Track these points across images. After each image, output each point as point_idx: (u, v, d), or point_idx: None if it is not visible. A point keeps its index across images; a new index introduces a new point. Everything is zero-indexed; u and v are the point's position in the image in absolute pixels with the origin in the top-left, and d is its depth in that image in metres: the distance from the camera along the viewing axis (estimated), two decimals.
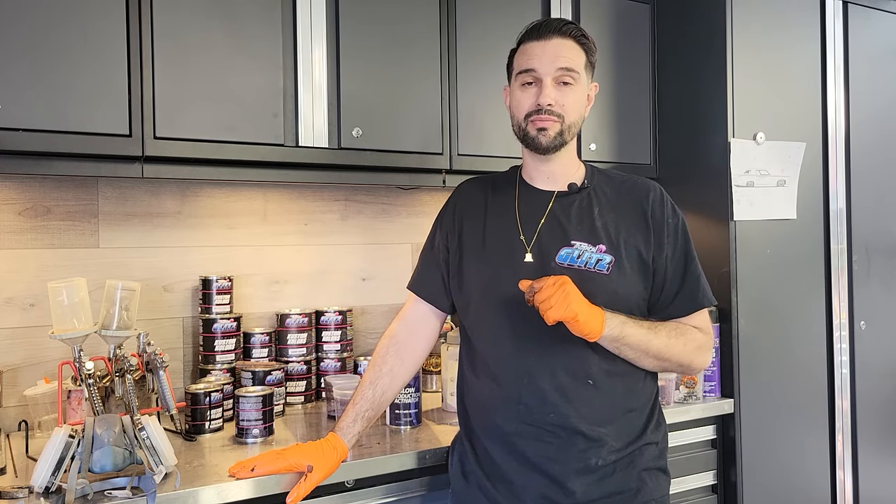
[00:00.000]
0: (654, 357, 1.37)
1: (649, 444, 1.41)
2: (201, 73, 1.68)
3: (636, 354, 1.36)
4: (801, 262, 2.25)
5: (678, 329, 1.40)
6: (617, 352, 1.35)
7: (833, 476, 2.29)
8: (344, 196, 2.28)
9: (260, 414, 1.68)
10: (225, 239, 2.11)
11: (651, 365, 1.40)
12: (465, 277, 1.47)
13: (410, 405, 1.77)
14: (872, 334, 2.37)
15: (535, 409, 1.36)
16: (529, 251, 1.41)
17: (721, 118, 2.12)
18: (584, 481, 1.34)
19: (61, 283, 1.50)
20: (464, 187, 1.59)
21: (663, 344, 1.37)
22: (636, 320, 1.36)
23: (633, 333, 1.33)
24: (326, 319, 2.13)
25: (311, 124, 1.82)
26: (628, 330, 1.33)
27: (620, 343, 1.33)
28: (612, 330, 1.31)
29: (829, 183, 2.31)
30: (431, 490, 1.62)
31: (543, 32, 1.40)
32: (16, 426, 1.77)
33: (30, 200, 1.86)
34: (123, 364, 1.57)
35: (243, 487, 1.39)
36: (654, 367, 1.42)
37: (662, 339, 1.37)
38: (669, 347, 1.38)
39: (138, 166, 1.65)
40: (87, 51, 1.55)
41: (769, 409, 2.15)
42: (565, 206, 1.44)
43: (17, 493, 1.31)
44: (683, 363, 1.41)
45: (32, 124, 1.50)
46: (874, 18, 2.43)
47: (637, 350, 1.35)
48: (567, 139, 1.42)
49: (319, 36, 1.83)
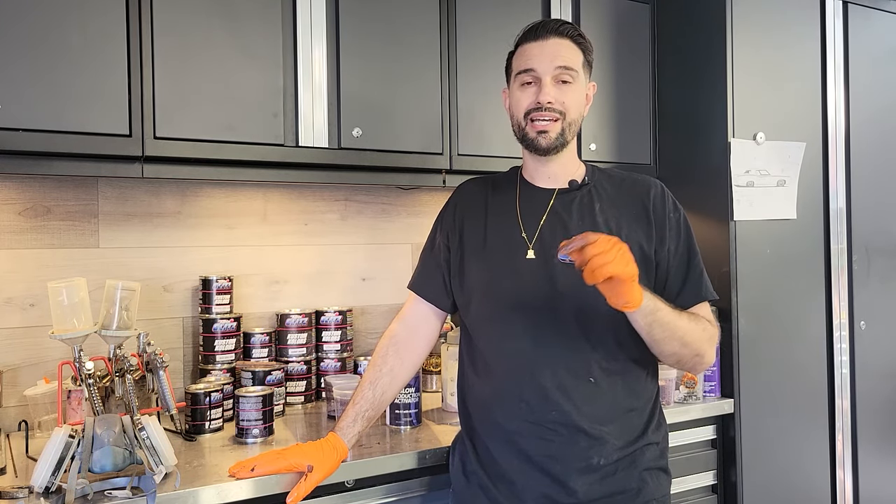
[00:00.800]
0: (680, 340, 1.32)
1: (650, 444, 1.41)
2: (201, 72, 1.68)
3: (665, 334, 1.30)
4: (801, 262, 2.25)
5: (695, 317, 1.38)
6: (648, 329, 1.29)
7: (833, 476, 2.29)
8: (344, 196, 2.28)
9: (260, 414, 1.68)
10: (225, 239, 2.11)
11: (672, 349, 1.34)
12: (467, 276, 1.47)
13: (410, 405, 1.77)
14: (872, 334, 2.37)
15: (537, 407, 1.36)
16: (531, 248, 1.41)
17: (721, 118, 2.12)
18: (585, 480, 1.34)
19: (61, 283, 1.50)
20: (464, 187, 1.59)
21: (688, 327, 1.33)
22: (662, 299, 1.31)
23: (664, 308, 1.29)
24: (326, 319, 2.13)
25: (311, 124, 1.82)
26: (661, 304, 1.28)
27: (654, 317, 1.27)
28: (649, 301, 1.24)
29: (829, 183, 2.31)
30: (431, 490, 1.62)
31: (541, 33, 1.41)
32: (16, 426, 1.77)
33: (30, 200, 1.86)
34: (123, 364, 1.57)
35: (243, 487, 1.39)
36: (673, 354, 1.36)
37: (686, 322, 1.33)
38: (692, 332, 1.34)
39: (138, 166, 1.65)
40: (87, 50, 1.55)
41: (769, 409, 2.15)
42: (566, 203, 1.44)
43: (17, 493, 1.30)
44: (699, 352, 1.36)
45: (32, 124, 1.50)
46: (874, 18, 2.43)
47: (666, 329, 1.30)
48: (568, 138, 1.42)
49: (319, 35, 1.83)
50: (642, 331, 1.31)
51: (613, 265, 1.14)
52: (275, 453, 1.40)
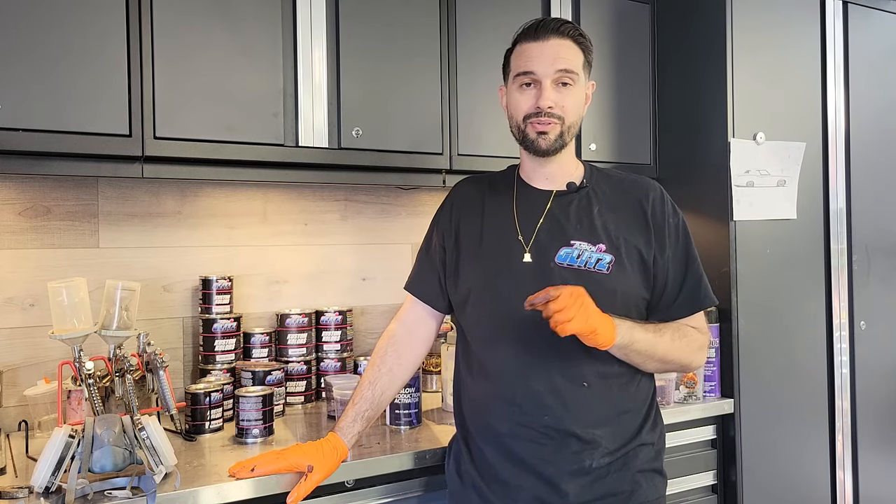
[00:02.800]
0: (659, 360, 1.37)
1: (644, 445, 1.40)
2: (201, 72, 1.68)
3: (642, 359, 1.35)
4: (801, 262, 2.25)
5: (680, 331, 1.40)
6: (624, 357, 1.34)
7: (833, 476, 2.29)
8: (344, 196, 2.28)
9: (260, 414, 1.68)
10: (225, 239, 2.11)
11: (653, 367, 1.40)
12: (462, 277, 1.46)
13: (410, 405, 1.77)
14: (872, 334, 2.37)
15: (529, 411, 1.35)
16: (528, 251, 1.40)
17: (721, 118, 2.12)
18: (577, 483, 1.34)
19: (61, 283, 1.50)
20: (460, 187, 1.58)
21: (668, 347, 1.36)
22: (642, 325, 1.34)
23: (641, 339, 1.32)
24: (326, 319, 2.13)
25: (310, 124, 1.82)
26: (637, 335, 1.31)
27: (629, 350, 1.32)
28: (622, 337, 1.29)
29: (829, 183, 2.31)
30: (431, 490, 1.62)
31: (541, 33, 1.38)
32: (16, 426, 1.77)
33: (30, 200, 1.86)
34: (123, 364, 1.57)
35: (243, 488, 1.39)
36: (655, 370, 1.42)
37: (667, 342, 1.36)
38: (674, 350, 1.37)
39: (138, 166, 1.65)
40: (87, 50, 1.55)
41: (769, 409, 2.15)
42: (564, 206, 1.43)
43: (17, 493, 1.31)
44: (684, 364, 1.42)
45: (32, 124, 1.50)
46: (874, 18, 2.43)
47: (643, 355, 1.34)
48: (567, 140, 1.41)
49: (319, 36, 1.83)
50: (620, 357, 1.35)
51: (574, 322, 1.20)
52: (275, 453, 1.40)
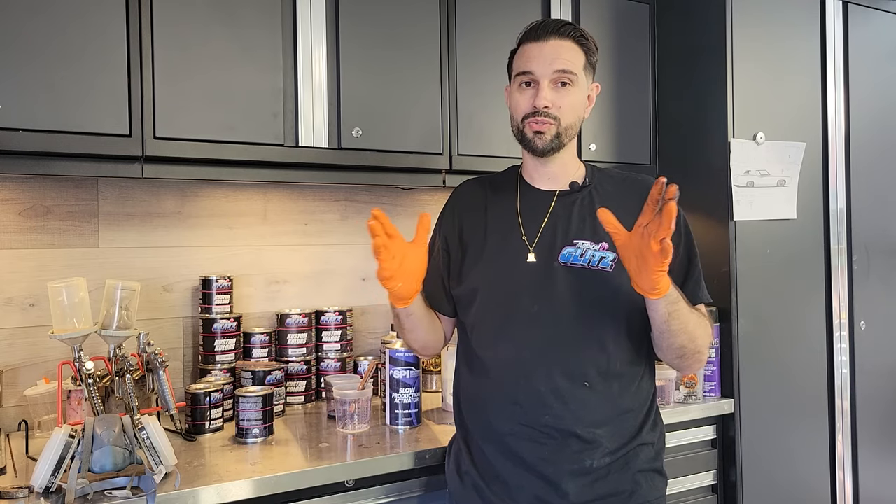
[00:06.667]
0: (690, 334, 1.31)
1: (644, 445, 1.40)
2: (201, 72, 1.68)
3: (679, 326, 1.29)
4: (801, 262, 2.25)
5: (699, 314, 1.37)
6: (667, 318, 1.27)
7: (833, 476, 2.29)
8: (344, 196, 2.28)
9: (260, 414, 1.68)
10: (225, 239, 2.11)
11: (681, 342, 1.32)
12: (466, 279, 1.46)
13: (410, 405, 1.77)
14: (872, 334, 2.37)
15: (530, 411, 1.35)
16: (532, 252, 1.40)
17: (721, 118, 2.12)
18: (577, 483, 1.34)
19: (61, 283, 1.51)
20: (462, 189, 1.58)
21: (697, 321, 1.32)
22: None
23: (683, 306, 1.28)
24: (326, 319, 2.13)
25: (311, 124, 1.82)
26: (679, 298, 1.28)
27: (675, 307, 1.26)
28: (673, 289, 1.24)
29: (829, 183, 2.31)
30: (431, 490, 1.62)
31: (541, 34, 1.39)
32: (16, 426, 1.77)
33: (30, 200, 1.86)
34: (123, 364, 1.57)
35: (243, 487, 1.40)
36: (680, 348, 1.33)
37: (696, 317, 1.33)
38: (699, 328, 1.33)
39: (138, 166, 1.65)
40: (88, 51, 1.55)
41: (769, 409, 2.15)
42: (567, 206, 1.43)
43: (17, 493, 1.31)
44: (701, 349, 1.35)
45: (32, 124, 1.50)
46: (874, 18, 2.43)
47: (681, 321, 1.28)
48: (564, 141, 1.41)
49: (319, 36, 1.83)
50: (660, 319, 1.27)
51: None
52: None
